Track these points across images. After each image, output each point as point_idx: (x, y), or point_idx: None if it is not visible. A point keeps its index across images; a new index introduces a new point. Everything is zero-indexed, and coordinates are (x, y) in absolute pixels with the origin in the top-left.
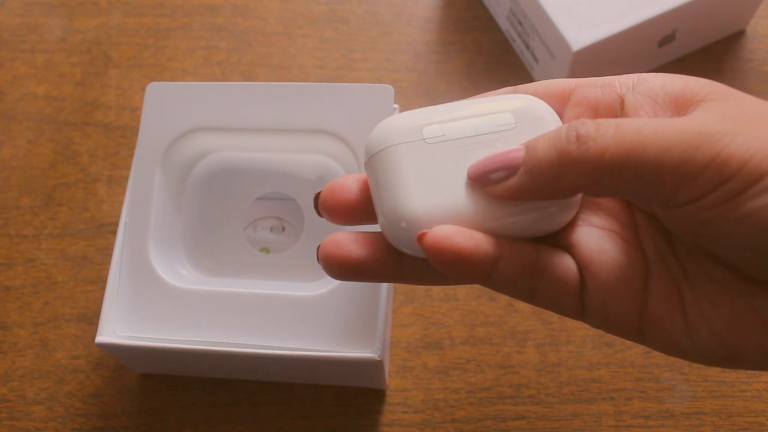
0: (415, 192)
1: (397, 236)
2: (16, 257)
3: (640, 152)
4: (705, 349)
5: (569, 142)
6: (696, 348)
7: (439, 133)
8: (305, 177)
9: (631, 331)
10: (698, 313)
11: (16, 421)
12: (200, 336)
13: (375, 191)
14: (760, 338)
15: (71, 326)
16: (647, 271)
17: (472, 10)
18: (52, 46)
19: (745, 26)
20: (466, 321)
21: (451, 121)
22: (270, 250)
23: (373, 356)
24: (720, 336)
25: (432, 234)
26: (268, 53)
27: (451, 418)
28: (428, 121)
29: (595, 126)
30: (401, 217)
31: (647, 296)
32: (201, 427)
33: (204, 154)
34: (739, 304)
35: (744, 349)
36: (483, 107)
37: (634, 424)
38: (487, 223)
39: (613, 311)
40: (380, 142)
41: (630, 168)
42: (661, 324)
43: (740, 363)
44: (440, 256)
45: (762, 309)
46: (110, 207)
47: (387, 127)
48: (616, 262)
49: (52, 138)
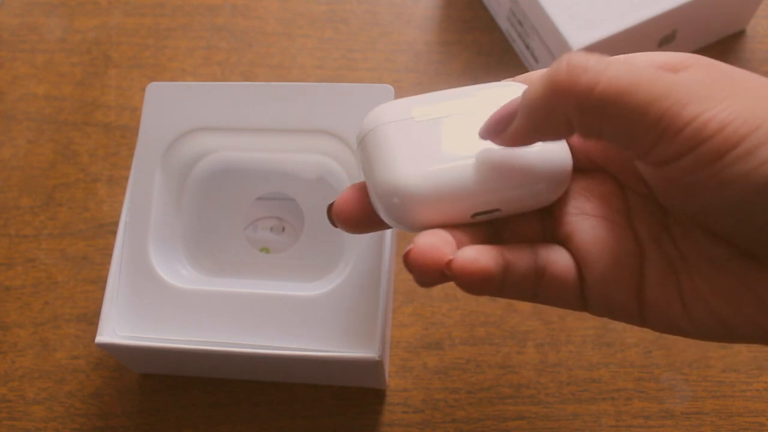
0: (406, 167)
1: (390, 212)
2: (16, 257)
3: (628, 95)
4: (703, 327)
5: (559, 72)
6: (695, 327)
7: (427, 113)
8: (305, 177)
9: (632, 316)
10: (695, 294)
11: (16, 421)
12: (200, 336)
13: (367, 170)
14: (755, 315)
15: (71, 326)
16: (642, 256)
17: (472, 10)
18: (52, 46)
19: (745, 26)
20: (466, 321)
21: (439, 102)
22: (270, 250)
23: (373, 356)
24: (717, 314)
25: (460, 259)
26: (268, 53)
27: (451, 418)
28: (417, 103)
29: (587, 59)
30: (393, 192)
31: (643, 282)
32: (201, 427)
33: (204, 154)
34: (734, 282)
35: (740, 326)
36: (470, 91)
37: (634, 424)
38: (478, 197)
39: (613, 300)
40: (370, 122)
41: (616, 109)
42: (659, 308)
43: (737, 339)
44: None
45: (756, 286)
46: (110, 207)
47: (377, 110)
48: (611, 251)
49: (52, 138)
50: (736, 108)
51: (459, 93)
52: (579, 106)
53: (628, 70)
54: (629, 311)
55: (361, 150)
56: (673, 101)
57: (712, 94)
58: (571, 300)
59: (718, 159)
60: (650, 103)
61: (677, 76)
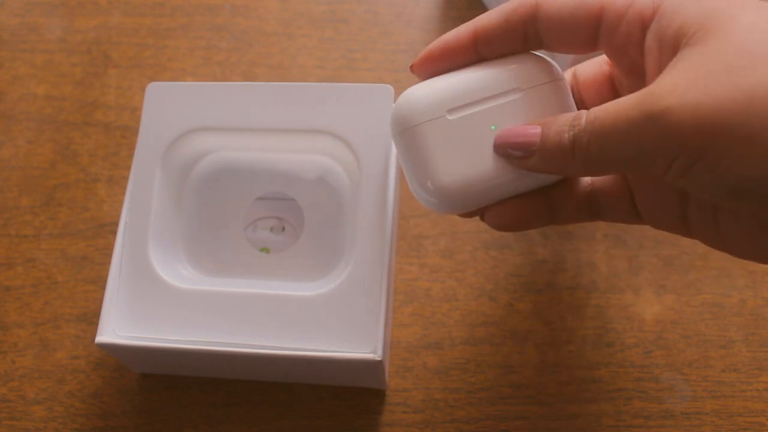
0: (443, 170)
1: (429, 206)
2: (16, 257)
3: (606, 151)
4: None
5: (565, 146)
6: (732, 250)
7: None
8: (305, 177)
9: (682, 233)
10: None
11: (16, 421)
12: (200, 336)
13: (406, 166)
14: None
15: (71, 326)
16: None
17: (472, 10)
18: (52, 46)
19: None
20: (466, 321)
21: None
22: (270, 250)
23: (373, 356)
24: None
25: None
26: (268, 53)
27: (451, 418)
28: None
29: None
30: (432, 194)
31: (686, 211)
32: (201, 427)
33: (204, 154)
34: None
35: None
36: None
37: (634, 424)
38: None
39: (660, 223)
40: (407, 119)
41: (608, 162)
42: (702, 231)
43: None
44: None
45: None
46: (110, 207)
47: (411, 104)
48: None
49: (52, 138)
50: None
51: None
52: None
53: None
54: (678, 231)
55: (397, 143)
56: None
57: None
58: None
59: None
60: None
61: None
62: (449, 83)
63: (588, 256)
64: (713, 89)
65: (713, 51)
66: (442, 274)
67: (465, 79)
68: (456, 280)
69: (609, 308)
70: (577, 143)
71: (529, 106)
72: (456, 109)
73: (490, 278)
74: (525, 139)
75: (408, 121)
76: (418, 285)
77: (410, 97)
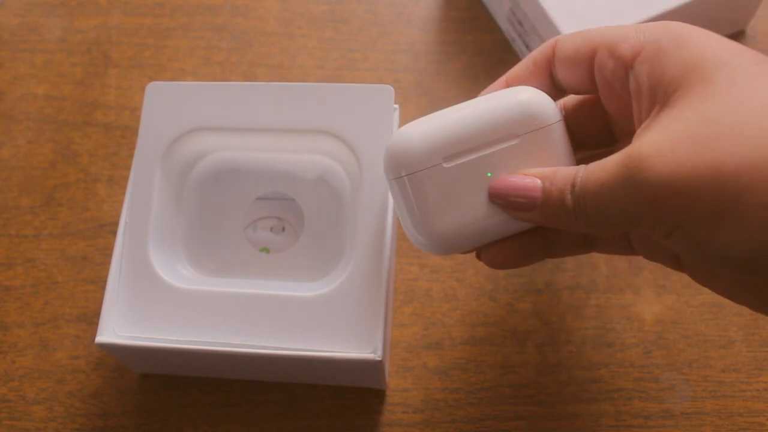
0: (437, 218)
1: (421, 248)
2: (16, 257)
3: (602, 215)
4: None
5: (568, 207)
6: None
7: (455, 154)
8: (305, 177)
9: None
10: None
11: (16, 421)
12: (200, 336)
13: (399, 209)
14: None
15: (71, 326)
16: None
17: (472, 10)
18: (52, 46)
19: (745, 26)
20: (466, 321)
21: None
22: (270, 250)
23: (373, 356)
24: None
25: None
26: (268, 53)
27: (451, 418)
28: (446, 141)
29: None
30: (425, 238)
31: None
32: (201, 427)
33: (204, 154)
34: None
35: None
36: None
37: (634, 424)
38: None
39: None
40: (403, 166)
41: (606, 224)
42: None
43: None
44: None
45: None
46: (110, 207)
47: (409, 151)
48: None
49: (52, 138)
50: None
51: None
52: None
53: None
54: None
55: (392, 188)
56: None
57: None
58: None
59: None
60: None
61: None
62: (446, 125)
63: (588, 256)
64: (685, 160)
65: (686, 119)
66: (443, 274)
67: (462, 121)
68: (456, 280)
69: (609, 308)
70: (578, 205)
71: (526, 152)
72: (452, 156)
73: (490, 278)
74: (525, 193)
75: (403, 168)
76: (418, 285)
77: (407, 142)
